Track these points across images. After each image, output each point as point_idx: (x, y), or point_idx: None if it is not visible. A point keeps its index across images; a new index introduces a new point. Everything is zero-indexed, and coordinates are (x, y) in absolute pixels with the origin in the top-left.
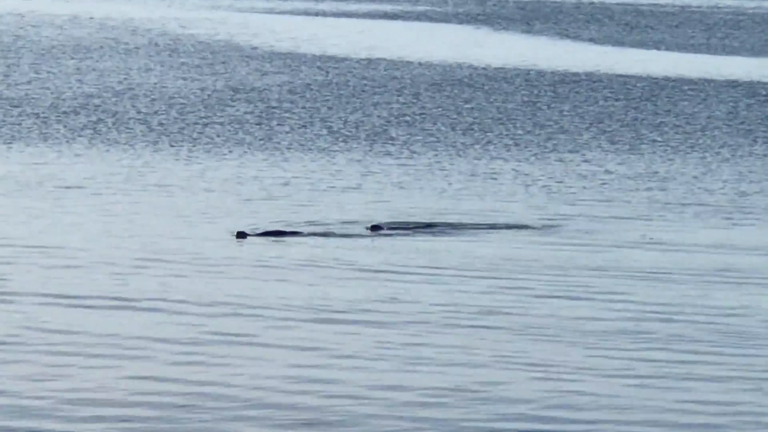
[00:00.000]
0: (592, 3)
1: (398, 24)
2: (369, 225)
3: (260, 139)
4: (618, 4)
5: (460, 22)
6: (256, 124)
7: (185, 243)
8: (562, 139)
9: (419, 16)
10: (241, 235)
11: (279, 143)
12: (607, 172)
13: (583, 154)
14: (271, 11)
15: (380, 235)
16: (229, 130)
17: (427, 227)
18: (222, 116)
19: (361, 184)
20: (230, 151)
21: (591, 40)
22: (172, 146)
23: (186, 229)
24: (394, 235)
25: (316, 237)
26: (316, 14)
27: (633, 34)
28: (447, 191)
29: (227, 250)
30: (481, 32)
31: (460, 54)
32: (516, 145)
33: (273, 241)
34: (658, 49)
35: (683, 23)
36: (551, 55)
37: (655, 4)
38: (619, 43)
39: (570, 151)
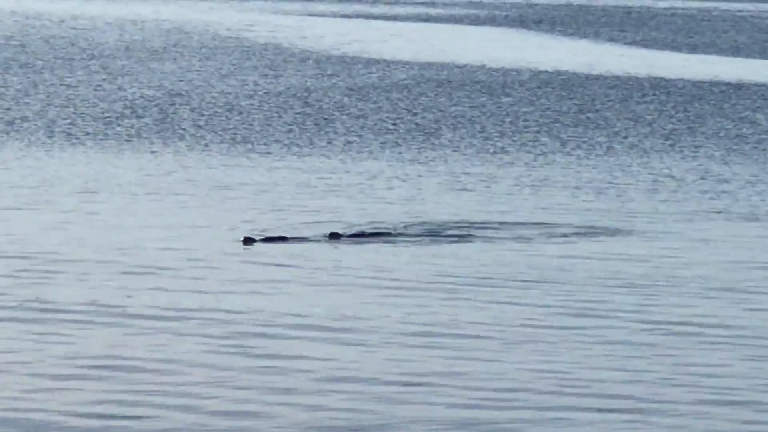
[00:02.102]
0: (641, 7)
1: (446, 27)
2: (327, 233)
3: (310, 142)
4: (666, 8)
5: (509, 26)
6: (313, 125)
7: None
8: (619, 142)
9: (463, 19)
10: (248, 241)
11: (331, 145)
12: (669, 175)
13: (646, 157)
14: (321, 15)
15: (340, 242)
16: (284, 133)
17: (388, 235)
18: (277, 119)
19: (399, 186)
20: (288, 154)
21: (640, 43)
22: (225, 148)
23: (226, 233)
24: (352, 244)
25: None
26: (365, 17)
27: (682, 37)
28: (483, 195)
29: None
30: (528, 35)
31: (511, 57)
32: (565, 148)
33: (277, 246)
34: (707, 53)
35: (732, 27)
36: (601, 59)
37: (703, 9)
38: (669, 46)
39: (627, 154)
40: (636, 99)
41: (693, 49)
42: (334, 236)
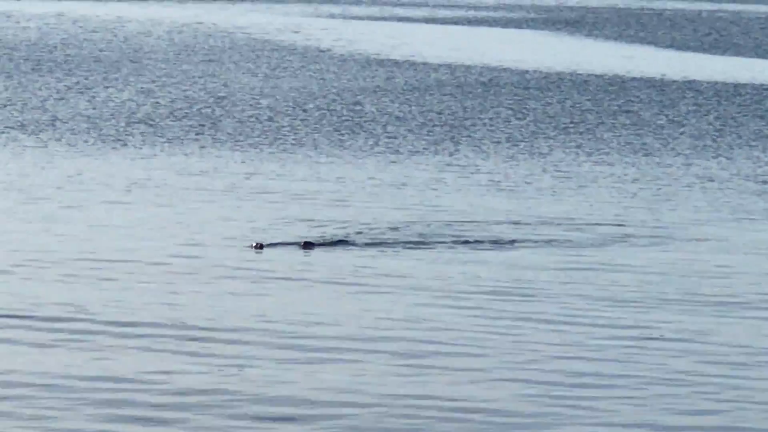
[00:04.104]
0: (676, 9)
1: (484, 30)
2: (302, 242)
3: (348, 144)
4: (704, 10)
5: (545, 29)
6: (354, 127)
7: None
8: (654, 141)
9: (500, 22)
10: (259, 246)
11: (371, 147)
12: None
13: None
14: (363, 17)
15: (312, 250)
16: (323, 135)
17: (366, 245)
18: (318, 122)
19: (444, 188)
20: (326, 156)
21: (679, 46)
22: (264, 151)
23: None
24: (327, 252)
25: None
26: (406, 21)
27: (716, 39)
28: (524, 196)
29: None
30: (563, 38)
31: (547, 59)
32: (605, 146)
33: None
34: (741, 54)
35: (762, 29)
36: (636, 61)
37: (735, 11)
38: (704, 49)
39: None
40: (673, 100)
41: (727, 50)
42: (307, 245)
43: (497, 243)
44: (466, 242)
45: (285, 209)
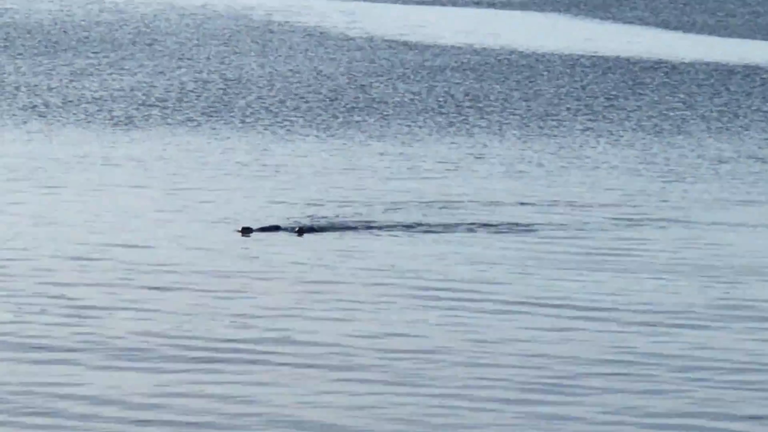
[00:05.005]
0: None
1: (501, 12)
2: (297, 228)
3: (360, 126)
4: None
5: (562, 11)
6: (366, 109)
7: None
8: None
9: (518, 5)
10: (246, 230)
11: (382, 129)
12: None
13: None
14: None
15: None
16: (332, 117)
17: (353, 229)
18: (331, 102)
19: (460, 169)
20: (332, 137)
21: (690, 27)
22: (275, 132)
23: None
24: (321, 236)
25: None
26: (419, 3)
27: (731, 21)
28: (542, 179)
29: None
30: (578, 20)
31: (561, 42)
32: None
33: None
34: (757, 37)
35: None
36: (651, 43)
37: None
38: (716, 30)
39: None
40: (686, 82)
41: (739, 31)
42: (302, 231)
43: (509, 225)
44: (485, 225)
45: (295, 191)
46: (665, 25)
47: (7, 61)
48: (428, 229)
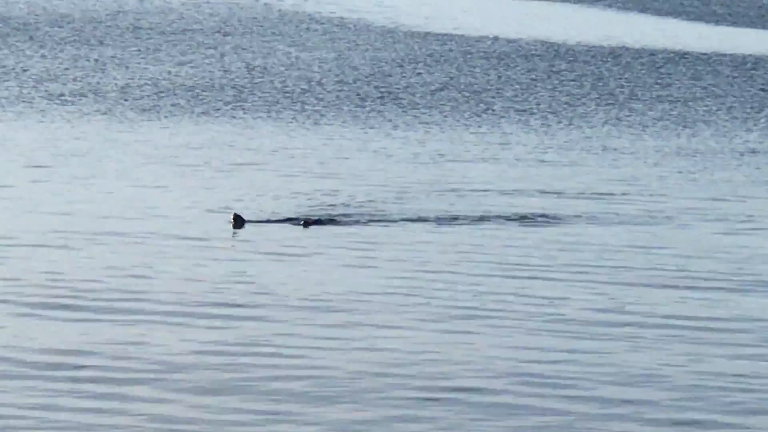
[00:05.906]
0: None
1: (519, 2)
2: (302, 221)
3: (381, 116)
4: None
5: (583, 1)
6: (387, 99)
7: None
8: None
9: None
10: (238, 221)
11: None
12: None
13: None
14: None
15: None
16: (356, 107)
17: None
18: (355, 92)
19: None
20: (356, 127)
21: (714, 18)
22: (298, 122)
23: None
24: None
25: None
26: None
27: (752, 12)
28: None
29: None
30: (599, 10)
31: (584, 31)
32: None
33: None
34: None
35: None
36: (671, 34)
37: None
38: (740, 21)
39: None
40: (709, 72)
41: (763, 22)
42: (308, 224)
43: (531, 216)
44: (500, 216)
45: (313, 181)
46: (690, 15)
47: (34, 52)
48: (453, 220)
